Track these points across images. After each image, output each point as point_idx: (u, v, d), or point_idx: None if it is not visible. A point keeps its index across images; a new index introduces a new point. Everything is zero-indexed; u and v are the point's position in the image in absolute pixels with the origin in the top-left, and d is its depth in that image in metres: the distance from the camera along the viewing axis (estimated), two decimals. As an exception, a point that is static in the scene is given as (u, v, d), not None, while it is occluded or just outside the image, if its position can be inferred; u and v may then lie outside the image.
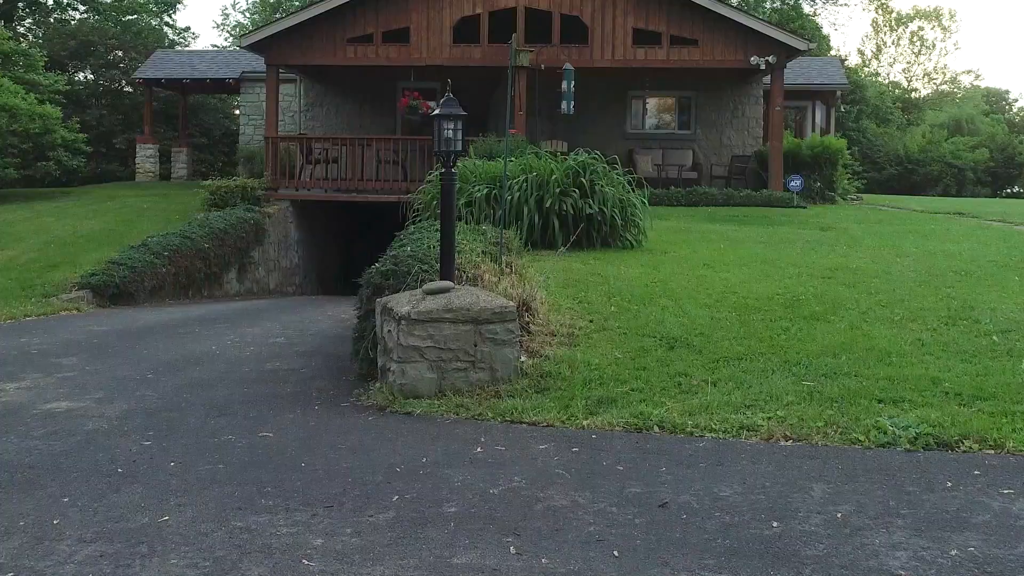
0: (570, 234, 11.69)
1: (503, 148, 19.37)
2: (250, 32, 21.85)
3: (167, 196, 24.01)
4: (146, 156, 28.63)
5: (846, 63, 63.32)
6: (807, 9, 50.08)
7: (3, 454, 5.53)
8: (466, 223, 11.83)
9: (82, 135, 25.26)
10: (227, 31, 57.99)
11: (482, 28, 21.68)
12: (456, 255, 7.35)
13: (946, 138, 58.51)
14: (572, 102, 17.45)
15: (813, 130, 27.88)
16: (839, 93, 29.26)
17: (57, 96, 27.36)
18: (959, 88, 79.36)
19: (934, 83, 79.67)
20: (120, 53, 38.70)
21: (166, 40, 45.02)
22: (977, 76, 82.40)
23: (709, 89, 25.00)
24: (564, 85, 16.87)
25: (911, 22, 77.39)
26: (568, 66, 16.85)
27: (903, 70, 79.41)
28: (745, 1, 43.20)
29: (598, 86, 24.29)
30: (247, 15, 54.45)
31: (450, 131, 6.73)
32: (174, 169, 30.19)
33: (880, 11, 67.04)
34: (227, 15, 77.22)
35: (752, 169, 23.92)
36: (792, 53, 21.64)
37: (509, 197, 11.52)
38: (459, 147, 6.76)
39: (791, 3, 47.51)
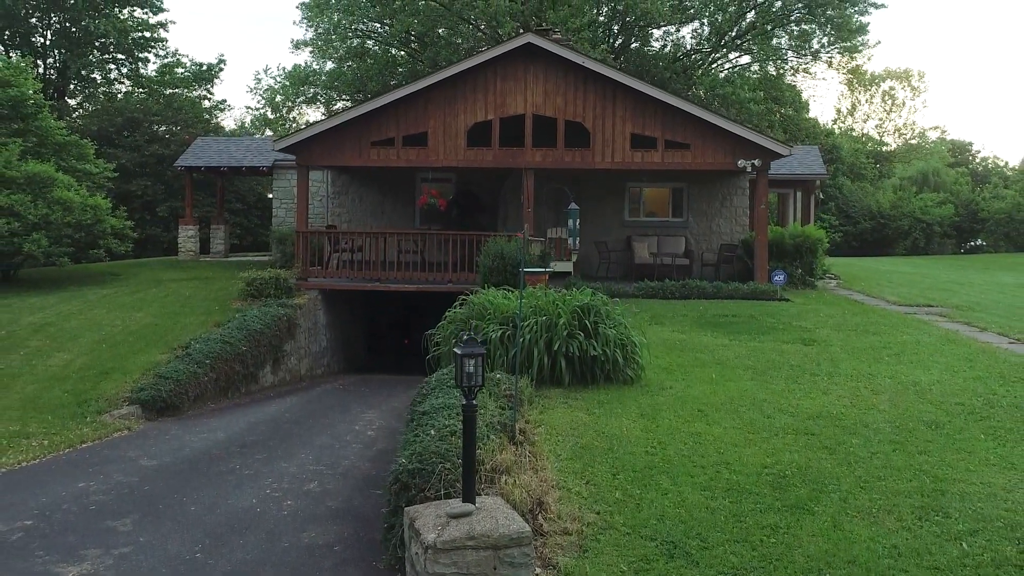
0: (576, 373, 11.90)
1: (511, 248, 19.62)
2: (283, 137, 22.03)
3: (207, 280, 24.14)
4: (187, 236, 28.90)
5: (823, 126, 63.65)
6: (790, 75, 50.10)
7: None
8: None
9: (128, 222, 25.40)
10: (259, 94, 58.21)
11: (494, 133, 21.87)
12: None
13: (915, 193, 58.64)
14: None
15: (795, 215, 28.02)
16: (819, 182, 29.39)
17: (107, 183, 27.59)
18: (927, 142, 79.51)
19: (904, 137, 79.88)
20: (163, 129, 38.97)
21: (203, 112, 45.29)
22: (943, 132, 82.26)
23: (700, 181, 25.21)
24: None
25: (883, 82, 77.65)
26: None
27: (876, 126, 79.77)
28: (732, 75, 43.33)
29: (599, 178, 24.57)
30: (277, 80, 54.72)
31: (472, 367, 6.84)
32: (213, 244, 30.45)
33: (854, 74, 66.96)
34: (259, 80, 77.67)
35: (739, 256, 24.05)
36: (776, 156, 21.76)
37: (521, 339, 11.62)
38: (480, 381, 6.87)
39: (775, 75, 47.62)
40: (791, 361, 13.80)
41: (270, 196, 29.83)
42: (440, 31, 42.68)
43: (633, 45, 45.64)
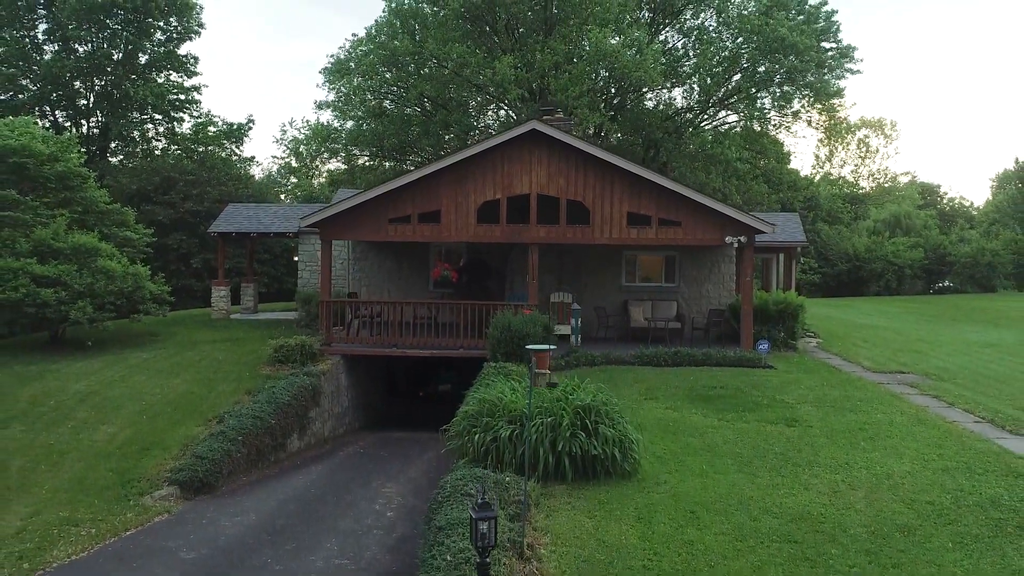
0: (578, 469, 12.05)
1: (518, 321, 19.75)
2: (309, 215, 22.22)
3: (238, 342, 24.29)
4: (220, 296, 29.11)
5: (803, 175, 63.81)
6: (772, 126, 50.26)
7: None
8: (492, 459, 12.13)
9: (166, 287, 25.55)
10: (285, 144, 58.50)
11: (501, 210, 22.04)
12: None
13: (888, 237, 58.82)
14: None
15: (778, 279, 28.12)
16: (799, 248, 29.52)
17: (147, 249, 27.80)
18: (898, 186, 79.70)
19: (878, 181, 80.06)
20: (196, 191, 39.24)
21: (234, 167, 45.58)
22: (914, 177, 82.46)
23: (691, 250, 25.40)
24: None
25: (858, 130, 77.89)
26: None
27: (851, 171, 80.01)
28: (719, 135, 43.49)
29: (598, 249, 24.72)
30: (301, 132, 55.05)
31: (485, 528, 6.96)
32: (243, 299, 30.67)
33: (830, 131, 67.17)
34: (285, 131, 78.01)
35: (727, 319, 24.17)
36: (759, 232, 21.90)
37: (527, 439, 11.73)
38: (494, 541, 7.00)
39: (757, 129, 47.77)
40: (775, 448, 13.89)
41: (295, 259, 30.05)
42: (451, 93, 42.94)
43: (629, 105, 45.87)
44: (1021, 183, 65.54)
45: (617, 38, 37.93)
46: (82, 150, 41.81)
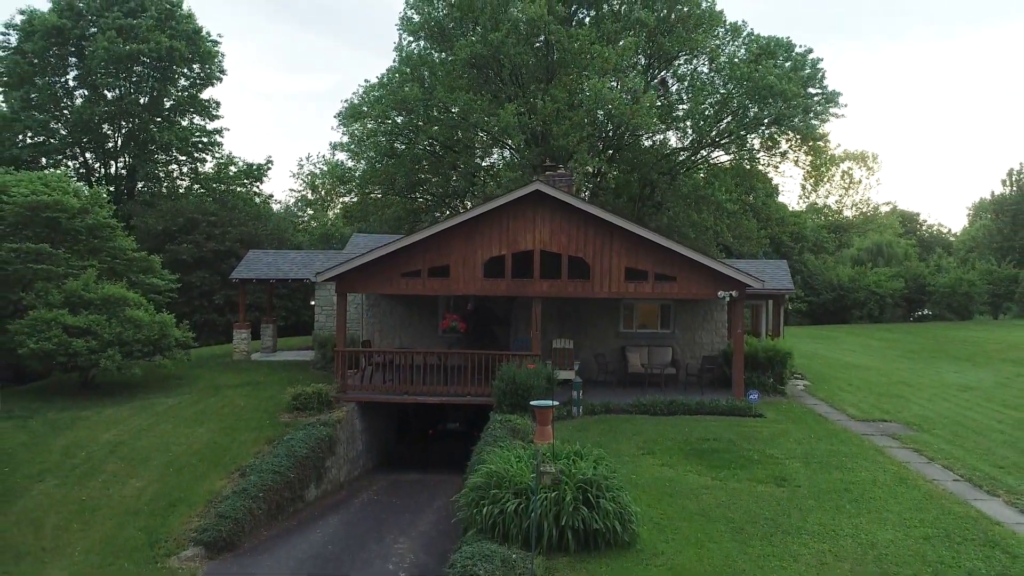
0: (580, 541, 12.11)
1: (522, 375, 19.82)
2: (325, 271, 22.36)
3: (258, 386, 24.37)
4: (241, 338, 29.23)
5: (790, 208, 63.88)
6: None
7: None
8: (499, 531, 12.19)
9: (190, 333, 25.64)
10: (302, 179, 58.70)
11: (507, 265, 22.13)
12: None
13: (871, 266, 58.87)
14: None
15: (767, 324, 28.19)
16: (787, 296, 29.58)
17: (172, 295, 27.92)
18: (880, 214, 79.76)
19: (861, 211, 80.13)
20: (218, 231, 39.40)
21: (253, 204, 45.74)
22: (894, 208, 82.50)
23: (685, 299, 25.41)
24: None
25: (842, 162, 77.98)
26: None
27: (836, 200, 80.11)
28: (711, 178, 43.61)
29: (598, 299, 24.74)
30: (317, 166, 55.22)
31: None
32: (263, 339, 30.82)
33: (815, 168, 67.34)
34: (302, 166, 78.26)
35: (719, 366, 24.24)
36: (750, 287, 21.98)
37: (533, 514, 11.81)
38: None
39: (748, 166, 47.90)
40: (765, 512, 13.93)
41: (312, 303, 30.18)
42: (458, 136, 43.09)
43: (626, 143, 46.02)
44: (996, 215, 65.58)
45: (615, 82, 38.17)
46: (110, 189, 42.21)
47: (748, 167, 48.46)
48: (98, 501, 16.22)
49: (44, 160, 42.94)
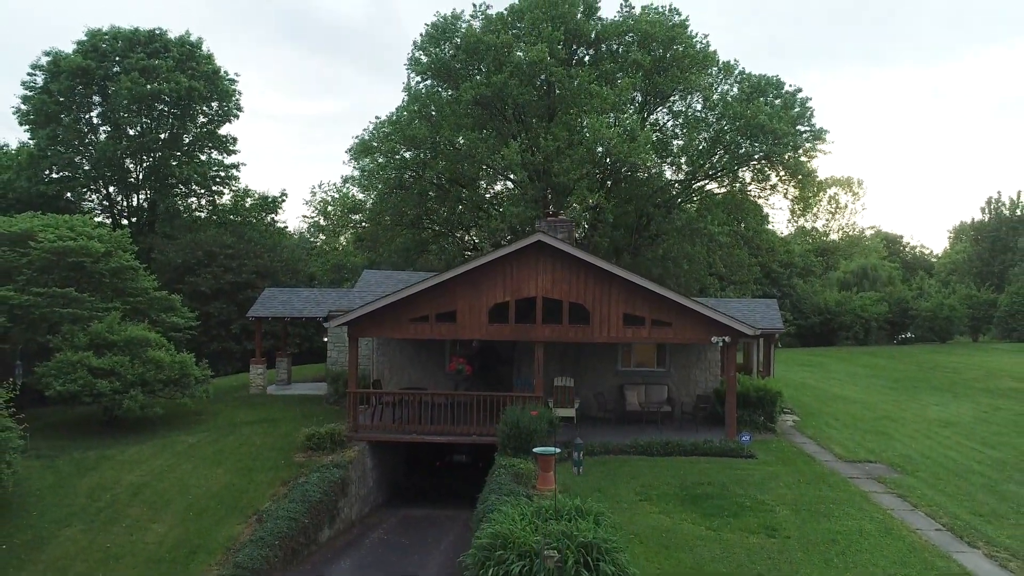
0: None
1: (525, 419, 19.91)
2: (336, 316, 22.56)
3: (274, 424, 24.44)
4: (257, 373, 29.38)
5: (780, 235, 63.98)
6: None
7: None
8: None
9: (208, 371, 25.72)
10: (314, 206, 58.91)
11: (510, 311, 22.25)
12: None
13: (856, 289, 58.99)
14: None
15: (758, 361, 28.26)
16: (777, 335, 29.67)
17: (191, 332, 28.02)
18: (865, 238, 79.91)
19: (847, 233, 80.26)
20: (235, 264, 39.53)
21: (268, 235, 45.87)
22: (878, 231, 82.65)
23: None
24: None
25: (829, 188, 78.19)
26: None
27: (823, 224, 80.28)
28: (703, 210, 43.73)
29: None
30: (328, 194, 55.41)
31: None
32: (278, 372, 30.93)
33: (802, 200, 67.60)
34: (315, 193, 78.50)
35: (712, 405, 24.33)
36: (742, 335, 22.07)
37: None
38: None
39: (739, 196, 48.03)
40: (757, 567, 13.99)
41: (325, 340, 30.31)
42: (463, 170, 43.26)
43: (624, 177, 46.19)
44: (975, 241, 65.68)
45: (612, 117, 38.33)
46: (132, 220, 42.36)
47: (740, 198, 48.63)
48: (122, 548, 16.28)
49: (68, 195, 43.10)
